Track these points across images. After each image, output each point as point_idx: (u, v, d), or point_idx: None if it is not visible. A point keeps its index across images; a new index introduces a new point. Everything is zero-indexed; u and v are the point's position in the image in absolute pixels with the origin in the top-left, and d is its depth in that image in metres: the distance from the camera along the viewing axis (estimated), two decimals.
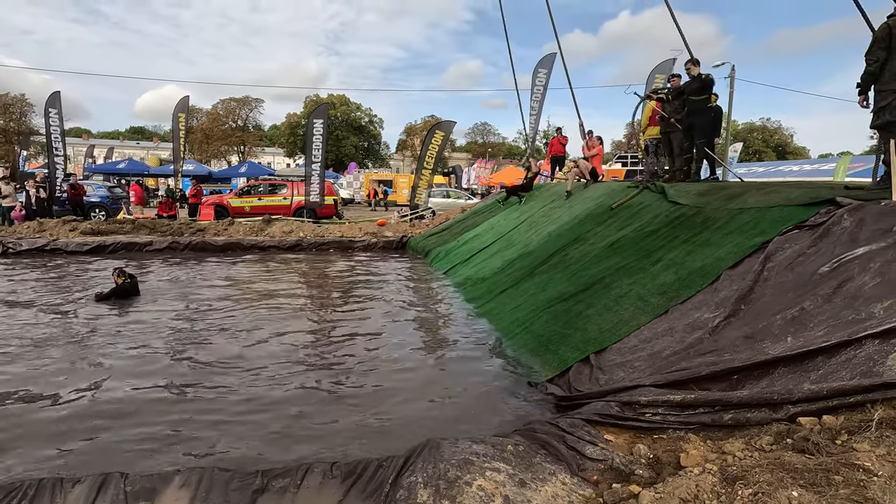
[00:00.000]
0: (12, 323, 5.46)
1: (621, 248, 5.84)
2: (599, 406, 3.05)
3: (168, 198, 16.61)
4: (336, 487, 2.31)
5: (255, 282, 8.18)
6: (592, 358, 3.89)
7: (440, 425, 3.36)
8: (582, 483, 2.28)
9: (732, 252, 4.25)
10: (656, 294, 4.37)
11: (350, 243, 12.47)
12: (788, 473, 1.78)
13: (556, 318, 4.93)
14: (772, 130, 53.87)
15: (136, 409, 3.49)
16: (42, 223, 12.96)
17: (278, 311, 6.26)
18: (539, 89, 18.00)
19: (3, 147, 44.56)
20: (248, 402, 3.66)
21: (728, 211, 5.13)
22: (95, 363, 4.37)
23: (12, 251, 10.54)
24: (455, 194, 23.68)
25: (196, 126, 51.02)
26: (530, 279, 6.45)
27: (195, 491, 2.24)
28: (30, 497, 2.16)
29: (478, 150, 63.84)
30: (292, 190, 17.24)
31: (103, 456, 2.90)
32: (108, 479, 2.27)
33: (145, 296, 6.83)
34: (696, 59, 8.21)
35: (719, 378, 2.89)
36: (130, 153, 48.13)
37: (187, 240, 11.87)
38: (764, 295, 3.46)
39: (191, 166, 31.71)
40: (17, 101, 46.23)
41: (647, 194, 7.32)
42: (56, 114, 15.46)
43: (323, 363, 4.52)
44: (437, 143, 17.11)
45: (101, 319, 5.70)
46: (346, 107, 54.56)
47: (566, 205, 9.21)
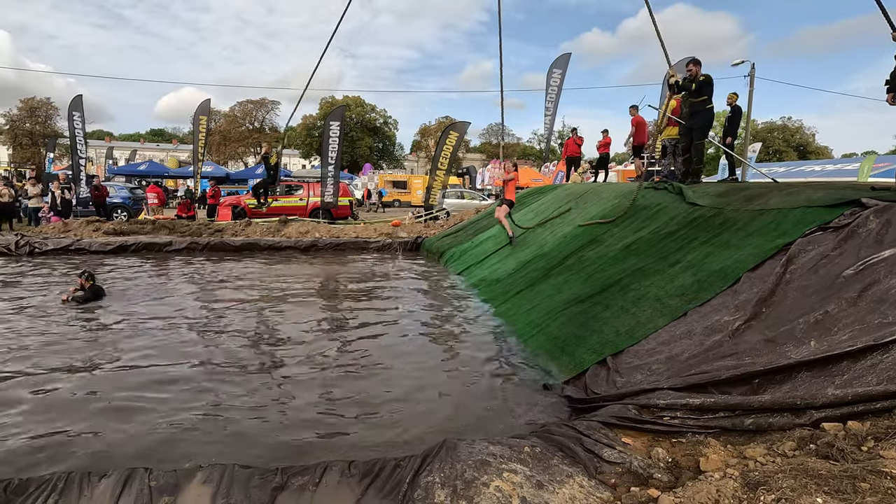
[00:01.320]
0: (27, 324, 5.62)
1: (638, 250, 5.78)
2: (616, 409, 3.03)
3: (187, 199, 16.91)
4: (354, 486, 2.33)
5: (270, 281, 8.28)
6: (609, 360, 3.86)
7: (455, 426, 3.37)
8: (599, 486, 2.26)
9: (753, 254, 4.19)
10: (674, 296, 4.32)
11: (365, 244, 12.55)
12: (813, 480, 1.75)
13: (571, 320, 4.90)
14: (793, 129, 52.72)
15: (153, 407, 3.57)
16: (66, 223, 13.30)
17: (293, 311, 6.33)
18: (553, 90, 17.91)
19: (30, 149, 45.89)
20: (264, 400, 3.71)
21: (748, 212, 5.05)
22: (111, 360, 4.47)
23: (38, 251, 10.84)
24: (469, 195, 23.67)
25: (214, 128, 51.87)
26: (545, 281, 6.43)
27: (217, 487, 2.28)
28: (59, 490, 2.22)
29: (492, 151, 63.69)
30: (308, 191, 17.42)
31: (123, 450, 2.97)
32: (133, 474, 2.32)
33: (165, 293, 6.97)
34: (696, 60, 8.16)
35: (740, 382, 2.85)
36: (150, 155, 49.10)
37: (206, 240, 12.08)
38: (786, 298, 3.40)
39: (209, 168, 32.27)
40: (43, 104, 47.60)
41: (664, 195, 7.23)
42: (79, 117, 15.85)
43: (337, 363, 4.56)
44: (452, 143, 17.13)
45: (118, 318, 5.83)
46: (360, 108, 54.91)
47: (581, 206, 9.15)
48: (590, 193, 9.66)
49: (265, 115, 56.07)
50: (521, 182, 29.24)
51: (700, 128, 8.12)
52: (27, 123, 46.99)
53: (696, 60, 8.09)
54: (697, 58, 8.14)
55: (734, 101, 9.99)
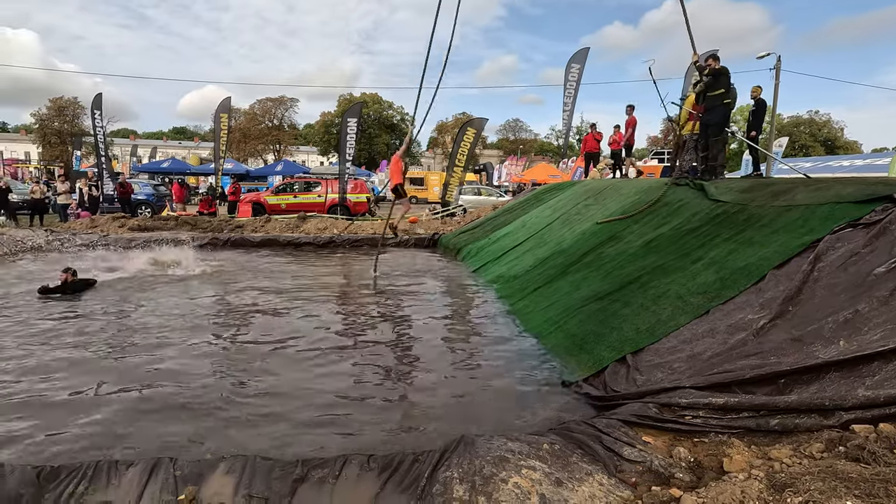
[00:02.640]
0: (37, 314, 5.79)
1: (658, 247, 5.69)
2: (637, 407, 2.99)
3: (208, 195, 17.21)
4: (373, 479, 2.35)
5: (293, 276, 8.38)
6: (629, 358, 3.81)
7: (473, 421, 3.37)
8: (620, 484, 2.24)
9: (779, 251, 4.08)
10: (696, 294, 4.24)
11: (382, 240, 12.60)
12: (842, 482, 1.70)
13: (590, 318, 4.85)
14: (820, 124, 51.16)
15: (176, 396, 3.65)
16: (94, 219, 13.67)
17: (313, 306, 6.40)
18: (572, 85, 17.70)
19: (59, 147, 47.25)
20: (285, 394, 3.76)
21: (774, 208, 4.92)
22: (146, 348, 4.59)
23: (67, 246, 11.15)
24: (486, 191, 23.60)
25: (234, 126, 52.64)
26: (563, 277, 6.37)
27: (239, 477, 2.33)
28: (89, 477, 2.29)
29: (509, 147, 63.30)
30: (326, 188, 17.58)
31: (149, 438, 3.05)
32: (159, 463, 2.38)
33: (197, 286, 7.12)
34: (716, 55, 8.06)
35: (764, 381, 2.79)
36: (173, 153, 50.12)
37: (227, 236, 12.28)
38: (814, 296, 3.31)
39: (229, 165, 32.76)
40: (71, 103, 48.94)
41: (685, 191, 7.10)
42: (99, 115, 16.25)
43: (355, 358, 4.60)
44: (469, 140, 17.08)
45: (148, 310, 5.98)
46: (378, 105, 55.08)
47: (600, 202, 9.04)
48: (609, 190, 9.54)
49: (284, 113, 56.67)
50: (538, 178, 29.02)
51: (715, 124, 7.97)
52: (56, 122, 48.40)
53: (715, 56, 7.99)
54: (717, 53, 8.05)
55: (758, 94, 9.74)
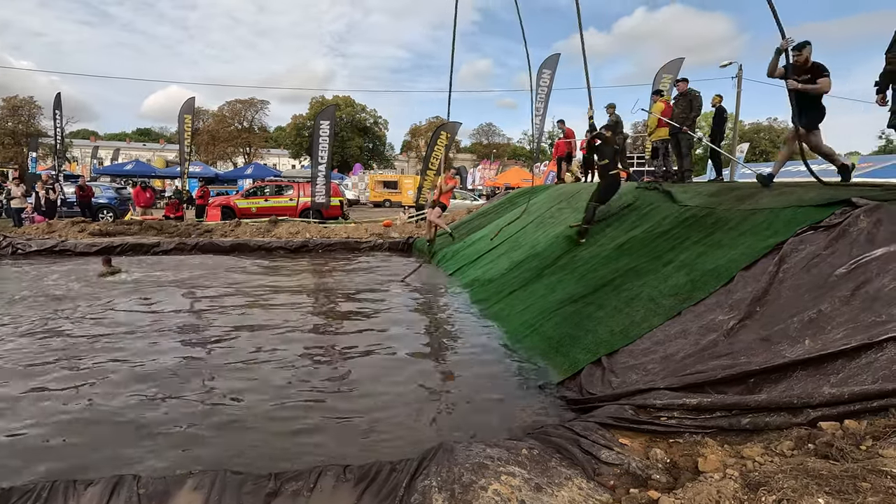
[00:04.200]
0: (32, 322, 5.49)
1: (631, 250, 5.79)
2: (613, 409, 3.01)
3: (175, 199, 16.68)
4: (349, 491, 2.28)
5: (261, 282, 8.18)
6: (604, 360, 3.85)
7: (450, 428, 3.34)
8: (598, 488, 2.24)
9: (746, 253, 4.20)
10: (668, 296, 4.32)
11: (356, 244, 12.47)
12: (813, 480, 1.74)
13: (565, 320, 4.89)
14: (779, 130, 53.47)
15: (144, 407, 3.49)
16: (51, 224, 13.05)
17: (283, 312, 6.25)
18: (543, 90, 17.93)
19: (13, 149, 45.01)
20: (253, 405, 3.64)
21: (740, 212, 5.07)
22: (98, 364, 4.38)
23: (21, 252, 10.62)
24: (460, 195, 23.66)
25: (202, 128, 51.29)
26: (538, 280, 6.42)
27: (208, 494, 2.22)
28: (43, 499, 2.15)
29: (483, 151, 63.76)
30: (298, 191, 17.29)
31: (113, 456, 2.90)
32: (121, 481, 2.25)
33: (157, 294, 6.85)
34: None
35: (735, 381, 2.85)
36: (137, 155, 48.46)
37: (195, 241, 11.92)
38: (780, 297, 3.41)
39: (197, 168, 31.90)
40: (26, 103, 46.74)
41: (655, 195, 7.27)
42: (59, 115, 15.59)
43: (328, 365, 4.50)
44: (443, 143, 17.09)
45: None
46: (351, 108, 54.70)
47: (573, 205, 9.16)
48: (581, 193, 9.68)
49: (254, 115, 55.62)
50: (511, 182, 29.30)
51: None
52: (9, 122, 46.11)
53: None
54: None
55: (719, 102, 10.15)
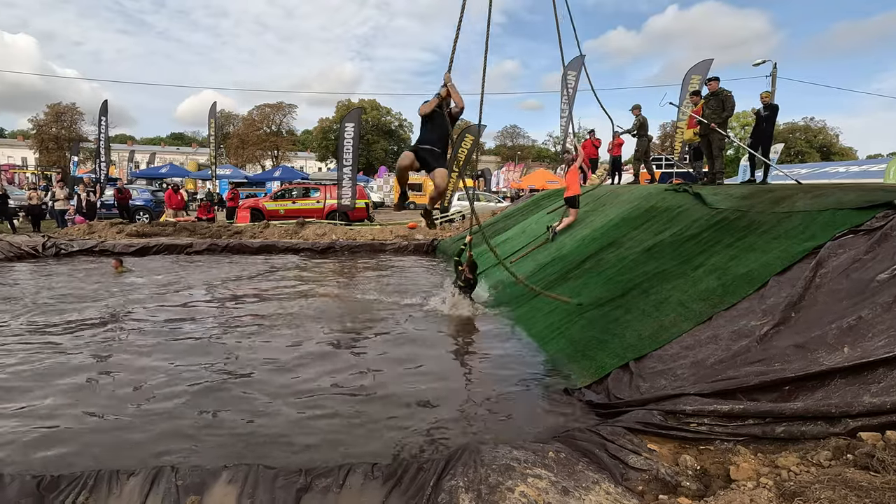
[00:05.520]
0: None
1: (659, 253, 5.69)
2: (641, 414, 2.98)
3: (207, 201, 17.18)
4: (377, 489, 2.33)
5: (291, 283, 8.36)
6: (632, 365, 3.80)
7: (476, 430, 3.35)
8: (626, 493, 2.22)
9: (780, 257, 4.09)
10: (698, 300, 4.23)
11: (381, 246, 12.61)
12: (853, 491, 1.69)
13: (591, 324, 4.85)
14: (815, 130, 51.52)
15: (174, 405, 3.62)
16: (91, 225, 13.62)
17: (313, 312, 6.37)
18: (569, 91, 17.78)
19: (56, 153, 47.15)
20: (286, 403, 3.73)
21: (774, 215, 4.93)
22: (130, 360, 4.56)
23: (64, 252, 11.11)
24: (485, 198, 23.62)
25: (233, 131, 52.66)
26: (564, 283, 6.37)
27: (242, 487, 2.30)
28: (89, 487, 2.26)
29: (507, 154, 63.49)
30: (325, 193, 17.58)
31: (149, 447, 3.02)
32: (160, 472, 2.35)
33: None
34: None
35: (769, 388, 2.78)
36: (171, 158, 50.01)
37: (225, 242, 12.26)
38: (816, 302, 3.31)
39: (227, 171, 32.75)
40: (69, 109, 48.89)
41: (684, 197, 7.12)
42: (105, 121, 16.25)
43: (354, 365, 4.57)
44: (467, 146, 17.12)
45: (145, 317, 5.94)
46: (376, 111, 55.28)
47: (600, 209, 9.06)
48: (608, 196, 9.56)
49: (282, 119, 56.79)
50: (536, 184, 29.08)
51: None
52: (53, 128, 48.30)
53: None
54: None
55: (768, 99, 9.34)
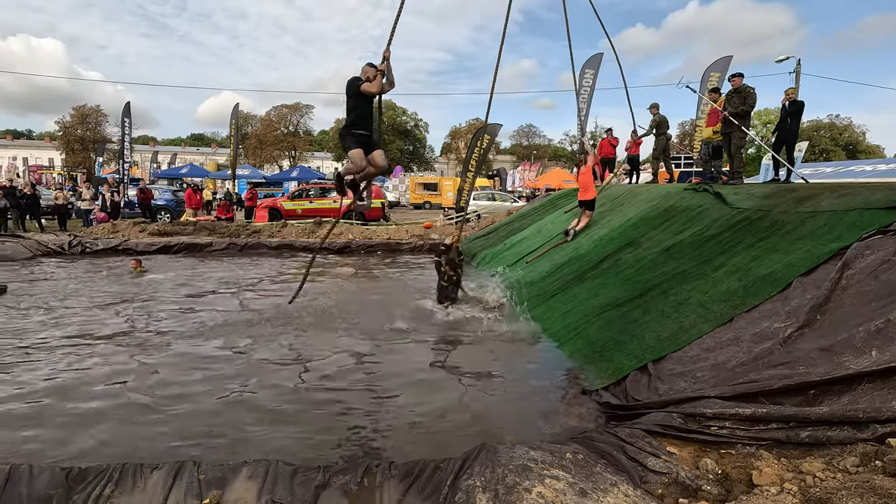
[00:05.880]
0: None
1: (679, 254, 5.61)
2: (660, 417, 2.94)
3: (226, 201, 17.46)
4: (395, 487, 2.34)
5: (309, 280, 8.44)
6: (650, 366, 3.75)
7: (492, 430, 3.34)
8: (646, 496, 2.20)
9: (804, 258, 3.99)
10: (719, 301, 4.16)
11: (397, 245, 12.66)
12: (881, 499, 1.65)
13: (609, 325, 4.80)
14: (841, 128, 50.12)
15: (195, 399, 3.69)
16: (115, 224, 13.95)
17: (327, 311, 6.43)
18: (586, 90, 17.62)
19: (81, 154, 48.41)
20: (304, 399, 3.78)
21: (798, 214, 4.82)
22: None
23: (90, 250, 11.41)
24: (500, 197, 23.56)
25: (251, 132, 53.38)
26: (581, 284, 6.32)
27: (262, 482, 2.34)
28: (115, 480, 2.32)
29: (522, 153, 63.16)
30: None
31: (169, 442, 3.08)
32: (183, 467, 2.40)
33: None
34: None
35: (793, 392, 2.72)
36: (191, 159, 50.93)
37: (244, 241, 12.45)
38: (843, 305, 3.23)
39: (246, 171, 33.22)
40: (94, 111, 50.16)
41: (704, 197, 7.00)
42: (129, 123, 16.64)
43: (371, 365, 4.60)
44: (483, 146, 17.06)
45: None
46: (392, 111, 55.46)
47: (617, 208, 8.96)
48: (626, 195, 9.46)
49: (299, 119, 57.35)
50: (552, 184, 28.85)
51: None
52: (79, 130, 49.60)
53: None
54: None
55: (793, 95, 8.98)
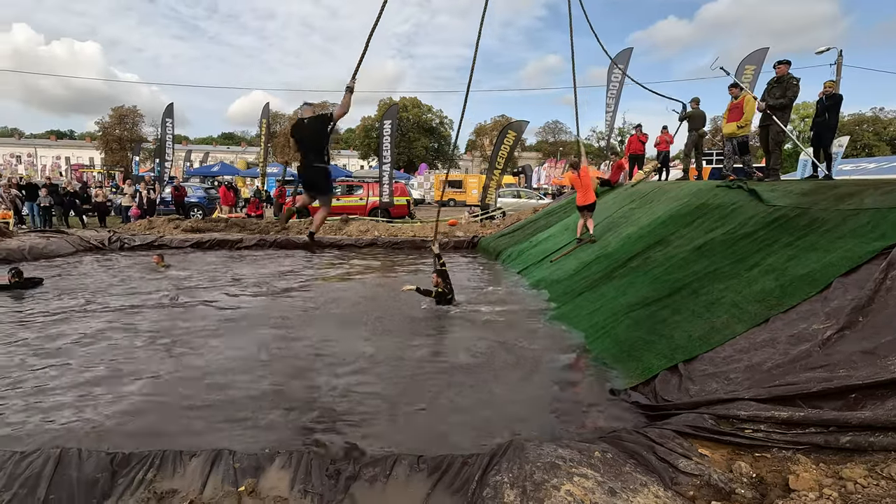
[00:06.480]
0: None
1: (711, 252, 5.47)
2: (691, 418, 2.89)
3: (256, 198, 17.87)
4: (423, 480, 2.37)
5: (335, 275, 8.58)
6: (681, 366, 3.68)
7: (519, 426, 3.34)
8: (677, 497, 2.17)
9: (846, 258, 3.84)
10: (753, 301, 4.05)
11: (422, 242, 12.72)
12: None
13: (638, 324, 4.73)
14: (885, 122, 47.74)
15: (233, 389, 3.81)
16: (151, 221, 14.46)
17: (358, 307, 6.52)
18: (615, 85, 17.32)
19: (119, 153, 50.24)
20: (335, 392, 3.85)
21: (839, 212, 4.64)
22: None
23: (128, 246, 11.86)
24: (526, 194, 23.38)
25: (279, 131, 54.39)
26: (609, 282, 6.23)
27: (294, 472, 2.40)
28: (156, 465, 2.43)
29: (548, 150, 62.47)
30: (367, 191, 17.89)
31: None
32: (219, 455, 2.49)
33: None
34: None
35: (833, 396, 2.63)
36: (222, 157, 52.23)
37: (273, 237, 12.72)
38: (887, 306, 3.09)
39: (274, 169, 33.89)
40: (131, 112, 52.00)
41: (738, 194, 6.80)
42: (171, 123, 17.22)
43: (399, 361, 4.64)
44: (509, 143, 16.98)
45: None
46: (417, 109, 55.60)
47: (646, 206, 8.79)
48: (655, 192, 9.27)
49: None
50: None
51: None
52: (117, 130, 51.48)
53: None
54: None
55: (832, 88, 8.46)
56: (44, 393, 3.74)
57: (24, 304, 6.45)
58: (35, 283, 7.41)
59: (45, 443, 2.88)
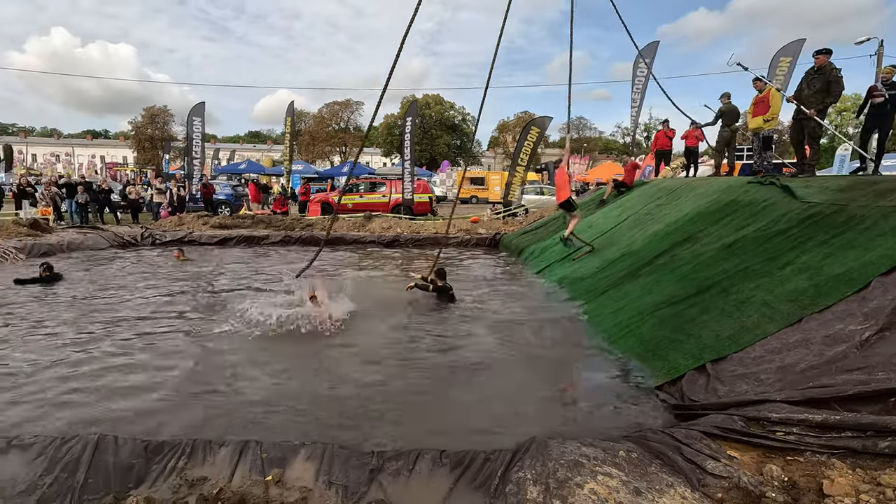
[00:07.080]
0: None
1: (741, 250, 5.32)
2: (720, 419, 2.82)
3: (281, 195, 18.18)
4: (445, 475, 2.38)
5: (360, 272, 8.67)
6: (709, 366, 3.60)
7: (543, 425, 3.32)
8: (704, 499, 2.13)
9: (886, 256, 3.69)
10: (786, 301, 3.92)
11: (444, 239, 12.73)
12: None
13: (664, 323, 4.64)
14: None
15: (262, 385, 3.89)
16: (181, 218, 14.86)
17: (379, 302, 6.58)
18: (640, 80, 16.97)
19: (150, 152, 51.84)
20: (358, 385, 3.90)
21: (879, 209, 4.45)
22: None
23: (159, 241, 12.23)
24: (549, 191, 23.15)
25: (304, 129, 55.18)
26: (633, 280, 6.13)
27: (319, 464, 2.44)
28: (187, 454, 2.50)
29: (573, 146, 61.62)
30: (390, 188, 18.01)
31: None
32: (247, 445, 2.55)
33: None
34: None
35: (871, 399, 2.54)
36: (248, 155, 53.29)
37: (298, 234, 12.93)
38: None
39: (299, 166, 34.42)
40: (162, 111, 53.56)
41: (770, 190, 6.59)
42: (199, 121, 17.63)
43: (424, 358, 4.67)
44: (533, 139, 16.83)
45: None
46: (440, 106, 55.58)
47: (673, 203, 8.60)
48: (683, 189, 9.06)
49: (350, 116, 58.65)
50: (603, 178, 28.06)
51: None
52: (148, 129, 53.11)
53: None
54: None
55: (893, 74, 7.50)
56: (85, 377, 3.90)
57: (58, 295, 6.72)
58: (58, 278, 7.73)
59: (82, 428, 3.00)
